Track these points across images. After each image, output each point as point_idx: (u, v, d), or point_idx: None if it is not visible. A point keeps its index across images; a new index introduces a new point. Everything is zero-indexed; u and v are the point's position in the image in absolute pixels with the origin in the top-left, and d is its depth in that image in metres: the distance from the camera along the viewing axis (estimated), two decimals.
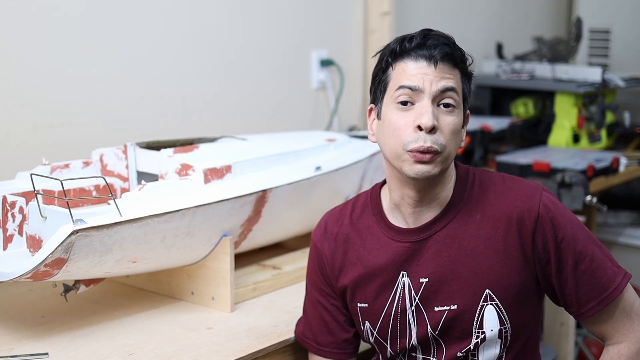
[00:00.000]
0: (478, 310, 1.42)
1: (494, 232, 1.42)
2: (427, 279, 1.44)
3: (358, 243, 1.51)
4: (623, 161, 2.85)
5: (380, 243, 1.48)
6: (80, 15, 2.09)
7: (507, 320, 1.43)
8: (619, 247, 3.37)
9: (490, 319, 1.42)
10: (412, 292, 1.45)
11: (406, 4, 3.03)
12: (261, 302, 1.79)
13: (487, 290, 1.42)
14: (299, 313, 1.71)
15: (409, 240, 1.46)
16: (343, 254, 1.52)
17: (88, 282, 1.62)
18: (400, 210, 1.48)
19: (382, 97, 1.43)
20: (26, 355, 1.48)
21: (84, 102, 2.13)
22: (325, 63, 2.76)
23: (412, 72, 1.37)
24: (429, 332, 1.45)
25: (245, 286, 1.80)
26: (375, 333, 1.51)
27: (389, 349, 1.51)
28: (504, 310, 1.42)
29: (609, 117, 3.27)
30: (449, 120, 1.37)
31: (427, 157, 1.36)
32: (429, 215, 1.45)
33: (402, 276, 1.46)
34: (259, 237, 1.87)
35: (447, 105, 1.37)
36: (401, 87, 1.38)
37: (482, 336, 1.43)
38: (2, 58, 1.96)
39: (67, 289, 1.60)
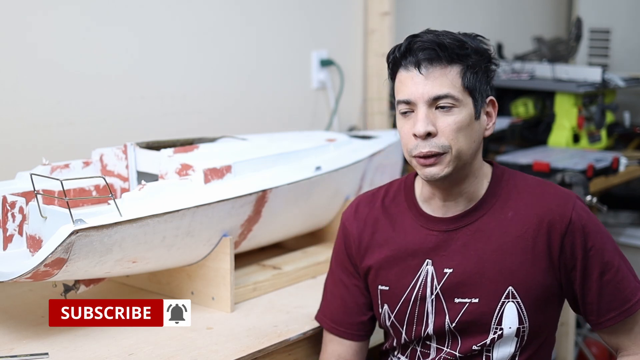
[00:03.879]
0: (499, 306, 1.44)
1: (523, 231, 1.44)
2: (451, 270, 1.47)
3: (387, 226, 1.54)
4: (623, 161, 2.85)
5: (410, 229, 1.52)
6: (80, 15, 2.09)
7: (526, 319, 1.45)
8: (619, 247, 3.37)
9: (510, 317, 1.44)
10: (435, 281, 1.48)
11: (406, 4, 3.03)
12: (261, 302, 1.79)
13: (510, 288, 1.44)
14: (299, 313, 1.71)
15: (438, 229, 1.49)
16: (371, 235, 1.56)
17: (88, 282, 1.62)
18: (431, 202, 1.51)
19: (396, 106, 1.48)
20: (26, 355, 1.48)
21: (84, 102, 2.13)
22: (325, 63, 2.76)
23: (405, 82, 1.42)
24: (447, 323, 1.47)
25: (245, 286, 1.80)
26: (392, 317, 1.53)
27: (404, 334, 1.53)
28: (524, 309, 1.44)
29: (609, 117, 3.27)
30: (448, 121, 1.39)
31: (431, 160, 1.40)
32: (459, 208, 1.48)
33: (427, 264, 1.49)
34: (259, 237, 1.87)
35: (443, 107, 1.40)
36: (398, 101, 1.44)
37: (500, 332, 1.45)
38: (2, 58, 1.96)
39: (67, 289, 1.60)
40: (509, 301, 1.44)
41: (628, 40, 3.67)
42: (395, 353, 1.58)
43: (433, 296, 1.48)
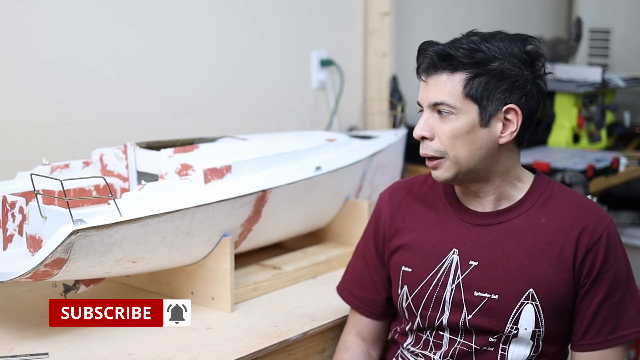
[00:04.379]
0: (518, 306, 1.45)
1: (554, 239, 1.46)
2: (476, 263, 1.48)
3: (421, 211, 1.58)
4: (623, 161, 2.85)
5: (444, 216, 1.55)
6: (80, 15, 2.09)
7: (543, 324, 1.46)
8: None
9: (528, 318, 1.45)
10: (458, 270, 1.49)
11: (406, 4, 3.03)
12: (261, 302, 1.79)
13: (531, 290, 1.45)
14: (299, 313, 1.71)
15: (471, 221, 1.51)
16: (403, 217, 1.59)
17: (88, 282, 1.62)
18: (467, 195, 1.54)
19: None
20: (26, 355, 1.48)
21: (84, 102, 2.13)
22: (325, 63, 2.76)
23: (421, 86, 1.48)
24: (463, 314, 1.48)
25: (245, 286, 1.80)
26: (410, 299, 1.55)
27: (418, 318, 1.54)
28: (542, 314, 1.45)
29: (609, 117, 3.27)
30: (444, 127, 1.43)
31: (432, 163, 1.47)
32: (491, 206, 1.51)
33: (454, 253, 1.51)
34: (259, 237, 1.87)
35: (441, 113, 1.44)
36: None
37: (515, 332, 1.46)
38: (2, 58, 1.96)
39: (67, 289, 1.60)
40: (528, 302, 1.45)
41: (628, 40, 3.66)
42: (406, 344, 1.59)
43: (454, 285, 1.50)
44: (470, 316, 1.48)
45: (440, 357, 1.52)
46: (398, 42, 2.90)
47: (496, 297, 1.46)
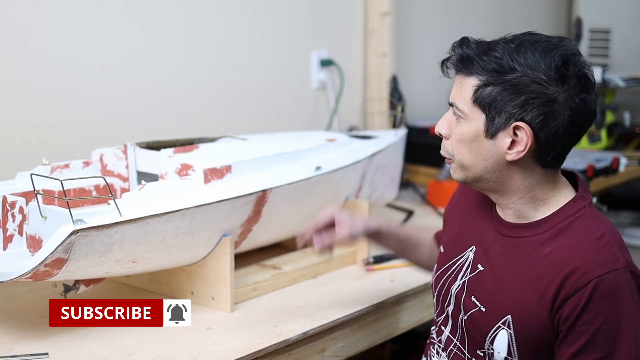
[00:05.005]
0: (495, 327, 1.41)
1: (545, 272, 1.36)
2: (482, 269, 1.46)
3: (470, 199, 1.56)
4: (623, 161, 2.85)
5: (481, 213, 1.52)
6: (80, 15, 2.09)
7: (516, 355, 1.39)
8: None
9: (501, 342, 1.40)
10: (468, 269, 1.48)
11: (406, 4, 3.03)
12: (261, 302, 1.79)
13: (509, 317, 1.39)
14: (299, 313, 1.71)
15: (494, 226, 1.47)
16: (457, 202, 1.61)
17: (88, 282, 1.62)
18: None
19: None
20: (26, 355, 1.48)
21: (84, 102, 2.13)
22: (325, 63, 2.76)
23: None
24: (461, 314, 1.48)
25: (245, 286, 1.80)
26: (434, 277, 1.58)
27: (435, 297, 1.57)
28: (515, 343, 1.39)
29: (609, 117, 3.27)
30: (455, 130, 1.40)
31: (447, 161, 1.45)
32: (510, 218, 1.45)
33: (472, 250, 1.50)
34: (259, 237, 1.87)
35: (454, 114, 1.40)
36: None
37: (491, 352, 1.43)
38: (2, 58, 1.96)
39: (67, 289, 1.60)
40: (503, 328, 1.40)
41: (628, 40, 3.66)
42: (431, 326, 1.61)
43: (461, 281, 1.49)
44: (465, 317, 1.47)
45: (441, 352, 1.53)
46: (398, 42, 2.90)
47: (484, 309, 1.43)
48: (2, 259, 1.56)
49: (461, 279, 1.49)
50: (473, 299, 1.45)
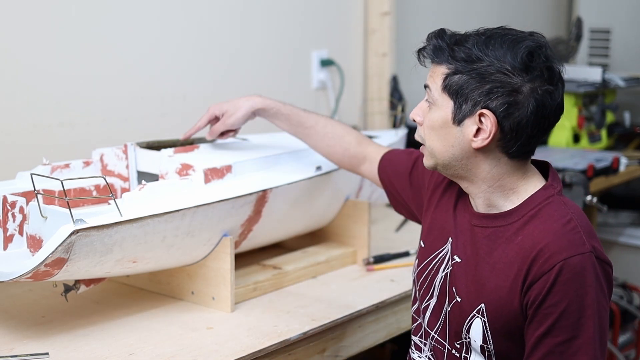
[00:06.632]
0: (470, 316, 1.43)
1: (515, 259, 1.37)
2: (460, 260, 1.47)
3: (445, 192, 1.57)
4: (623, 161, 2.85)
5: (458, 205, 1.53)
6: (80, 15, 2.09)
7: (491, 342, 1.41)
8: (619, 247, 3.37)
9: (477, 330, 1.42)
10: (449, 262, 1.49)
11: (406, 4, 3.03)
12: (261, 302, 1.79)
13: (482, 305, 1.40)
14: (299, 313, 1.71)
15: (467, 218, 1.48)
16: (439, 194, 1.59)
17: (88, 282, 1.62)
18: None
19: None
20: (26, 355, 1.48)
21: (84, 102, 2.13)
22: (325, 63, 2.76)
23: None
24: (444, 306, 1.48)
25: (245, 286, 1.80)
26: (414, 273, 1.58)
27: (416, 293, 1.57)
28: (489, 331, 1.40)
29: (609, 117, 3.27)
30: (427, 116, 1.44)
31: (422, 148, 1.47)
32: (481, 208, 1.46)
33: (449, 242, 1.50)
34: (259, 237, 1.87)
35: (427, 101, 1.44)
36: None
37: (468, 341, 1.44)
38: (2, 58, 1.96)
39: (68, 289, 1.60)
40: (477, 317, 1.41)
41: (628, 40, 3.67)
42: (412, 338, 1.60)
43: (443, 273, 1.50)
44: (449, 308, 1.48)
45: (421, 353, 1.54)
46: (398, 42, 2.90)
47: (459, 300, 1.44)
48: (2, 259, 1.56)
49: (443, 271, 1.50)
50: (453, 289, 1.47)
